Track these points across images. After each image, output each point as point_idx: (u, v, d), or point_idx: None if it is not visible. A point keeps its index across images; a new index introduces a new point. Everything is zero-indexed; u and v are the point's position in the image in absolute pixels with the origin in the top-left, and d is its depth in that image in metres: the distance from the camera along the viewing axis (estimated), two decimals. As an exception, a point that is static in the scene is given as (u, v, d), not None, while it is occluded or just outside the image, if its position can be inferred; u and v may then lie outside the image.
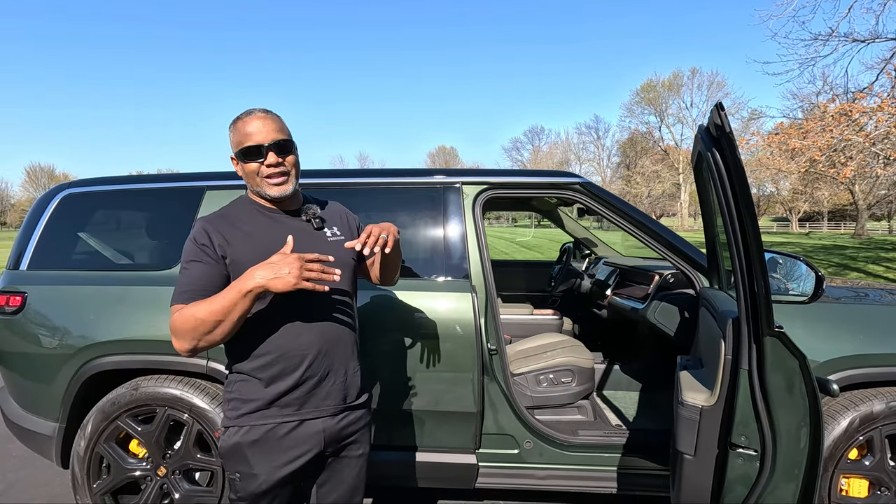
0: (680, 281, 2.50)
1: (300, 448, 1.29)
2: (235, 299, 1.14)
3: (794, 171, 16.24)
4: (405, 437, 2.18)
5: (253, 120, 1.28)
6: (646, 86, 55.44)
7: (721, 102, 1.35)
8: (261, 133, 1.27)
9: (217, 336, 1.17)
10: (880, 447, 1.91)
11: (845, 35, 10.22)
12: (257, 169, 1.28)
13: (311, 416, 1.31)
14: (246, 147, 1.27)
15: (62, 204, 2.39)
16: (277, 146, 1.28)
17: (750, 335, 1.38)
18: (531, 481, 2.19)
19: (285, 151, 1.30)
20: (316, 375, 1.30)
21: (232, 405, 1.31)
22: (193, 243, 1.27)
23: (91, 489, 2.15)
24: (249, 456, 1.27)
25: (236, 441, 1.28)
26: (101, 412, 2.13)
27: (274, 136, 1.28)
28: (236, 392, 1.31)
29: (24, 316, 2.22)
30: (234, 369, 1.33)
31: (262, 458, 1.27)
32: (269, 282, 1.13)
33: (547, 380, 2.62)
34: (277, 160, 1.28)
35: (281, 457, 1.28)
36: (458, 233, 2.23)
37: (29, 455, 3.03)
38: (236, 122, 1.31)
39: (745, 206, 1.32)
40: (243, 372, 1.30)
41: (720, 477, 1.47)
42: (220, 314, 1.14)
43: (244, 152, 1.27)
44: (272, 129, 1.28)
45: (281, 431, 1.28)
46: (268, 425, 1.28)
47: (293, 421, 1.29)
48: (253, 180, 1.31)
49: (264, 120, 1.29)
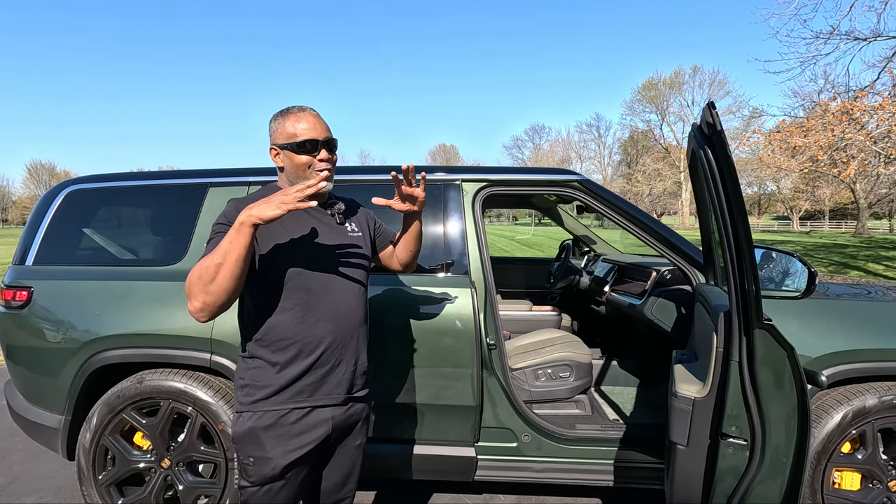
0: (677, 277, 2.53)
1: (311, 434, 1.35)
2: (231, 236, 1.16)
3: (795, 170, 16.24)
4: (406, 431, 2.21)
5: (308, 116, 1.37)
6: (647, 84, 55.38)
7: (713, 101, 1.37)
8: (317, 129, 1.36)
9: (220, 284, 1.16)
10: (873, 441, 1.94)
11: (847, 33, 10.21)
12: (309, 162, 1.35)
13: (321, 404, 1.36)
14: (303, 140, 1.34)
15: (67, 200, 2.43)
16: (330, 143, 1.38)
17: (740, 328, 1.41)
18: (529, 474, 2.22)
19: (334, 150, 1.40)
20: (329, 363, 1.35)
21: (245, 391, 1.34)
22: (224, 219, 1.31)
23: (96, 481, 2.18)
24: (264, 440, 1.31)
25: (251, 426, 1.32)
26: (106, 405, 2.17)
27: (327, 133, 1.38)
28: (249, 378, 1.34)
29: (31, 310, 2.26)
30: (248, 352, 1.36)
31: (275, 443, 1.32)
32: (261, 211, 1.15)
33: (545, 375, 2.65)
34: (328, 156, 1.37)
35: (292, 442, 1.33)
36: (458, 229, 2.26)
37: (33, 448, 3.08)
38: (287, 115, 1.38)
39: (735, 203, 1.35)
40: (258, 356, 1.34)
41: (711, 466, 1.51)
42: (220, 256, 1.16)
43: (300, 145, 1.34)
44: (325, 128, 1.39)
45: (293, 417, 1.33)
46: (281, 411, 1.32)
47: (305, 407, 1.34)
48: (302, 172, 1.36)
49: (318, 118, 1.39)
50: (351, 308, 1.40)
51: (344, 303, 1.39)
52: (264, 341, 1.33)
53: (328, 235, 1.40)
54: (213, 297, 1.17)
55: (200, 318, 1.20)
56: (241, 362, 1.39)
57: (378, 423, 2.19)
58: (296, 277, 1.33)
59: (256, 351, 1.34)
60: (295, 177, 1.38)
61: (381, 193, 2.34)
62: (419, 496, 2.58)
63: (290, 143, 1.35)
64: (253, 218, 1.15)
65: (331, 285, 1.36)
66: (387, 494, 2.60)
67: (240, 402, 1.35)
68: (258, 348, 1.34)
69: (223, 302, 1.19)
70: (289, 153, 1.36)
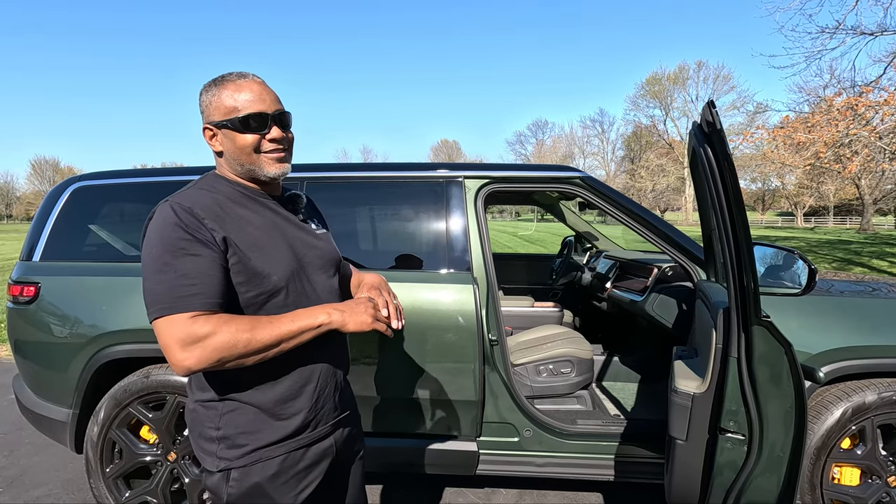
0: (678, 274, 2.54)
1: (319, 467, 1.16)
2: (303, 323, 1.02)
3: (799, 166, 16.16)
4: (408, 425, 2.23)
5: (252, 84, 1.07)
6: (651, 79, 55.12)
7: (713, 100, 1.38)
8: (263, 101, 1.07)
9: (247, 360, 0.99)
10: (872, 437, 1.96)
11: (853, 28, 10.13)
12: (256, 143, 1.07)
13: (323, 435, 1.16)
14: (246, 115, 1.05)
15: (73, 196, 2.45)
16: (282, 118, 1.10)
17: (739, 324, 1.43)
18: (530, 469, 2.25)
19: (287, 125, 1.12)
20: (328, 385, 1.16)
21: (227, 443, 1.07)
22: (181, 230, 1.03)
23: (104, 473, 2.22)
24: (272, 491, 1.08)
25: (253, 483, 1.06)
26: (113, 399, 2.20)
27: (277, 105, 1.09)
28: (228, 426, 1.07)
29: (38, 306, 2.29)
30: (216, 394, 1.08)
31: (285, 490, 1.09)
32: (347, 320, 1.04)
33: (547, 370, 2.67)
34: (282, 134, 1.09)
35: (302, 482, 1.12)
36: (461, 226, 2.27)
37: (41, 442, 3.12)
38: (224, 84, 1.08)
39: (734, 200, 1.36)
40: (234, 398, 1.07)
41: (710, 461, 1.53)
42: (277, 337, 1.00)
43: (243, 122, 1.05)
44: (275, 98, 1.10)
45: (297, 456, 1.11)
46: (281, 456, 1.09)
47: (307, 443, 1.13)
48: (247, 157, 1.08)
49: (263, 86, 1.09)
50: None
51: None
52: (245, 378, 1.05)
53: (294, 234, 1.15)
54: (231, 363, 0.96)
55: (182, 373, 0.95)
56: (204, 408, 1.09)
57: (381, 417, 2.22)
58: (281, 292, 1.08)
59: (230, 390, 1.07)
60: (239, 164, 1.09)
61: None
62: (421, 490, 2.60)
63: (229, 120, 1.06)
64: (337, 323, 1.04)
65: (318, 295, 1.14)
66: (390, 488, 2.63)
67: (219, 459, 1.06)
68: (233, 386, 1.06)
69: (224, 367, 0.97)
70: (229, 132, 1.07)
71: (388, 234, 2.49)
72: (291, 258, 1.11)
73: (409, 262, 2.30)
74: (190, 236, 0.98)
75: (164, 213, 1.00)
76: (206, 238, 0.99)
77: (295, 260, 1.11)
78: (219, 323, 0.95)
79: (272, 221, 1.12)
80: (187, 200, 1.02)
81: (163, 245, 0.97)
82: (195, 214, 1.00)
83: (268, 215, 1.12)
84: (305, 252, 1.15)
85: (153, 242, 0.99)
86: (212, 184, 1.11)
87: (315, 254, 1.17)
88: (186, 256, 0.97)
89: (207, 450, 1.08)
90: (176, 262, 0.96)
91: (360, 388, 2.13)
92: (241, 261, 1.03)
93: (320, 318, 1.02)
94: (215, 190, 1.09)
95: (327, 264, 1.21)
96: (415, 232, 2.35)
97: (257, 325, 0.97)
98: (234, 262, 1.02)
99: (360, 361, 2.14)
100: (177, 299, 0.95)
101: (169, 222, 0.98)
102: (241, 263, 1.03)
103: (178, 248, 0.97)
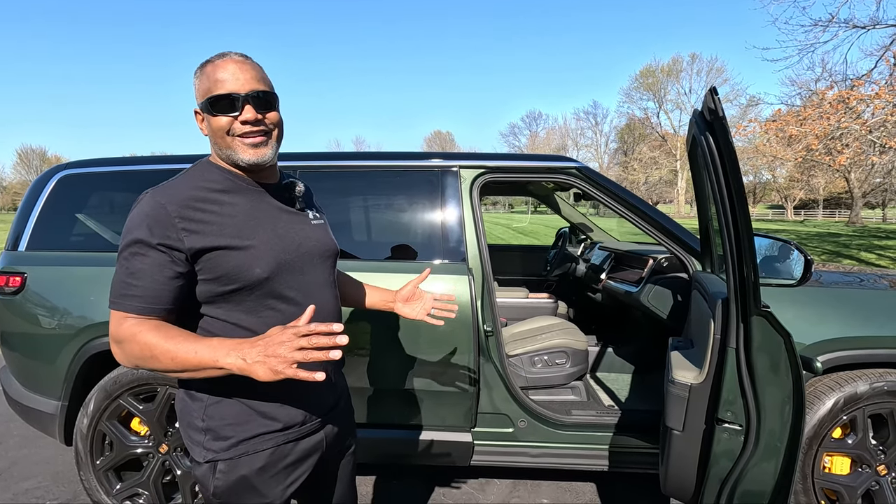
0: (673, 265, 2.54)
1: (308, 462, 1.14)
2: (204, 358, 0.92)
3: (790, 159, 16.27)
4: (403, 416, 2.23)
5: (228, 63, 1.02)
6: (645, 71, 55.12)
7: (715, 87, 1.36)
8: (237, 80, 1.01)
9: (153, 368, 0.97)
10: (863, 426, 1.97)
11: (845, 21, 10.18)
12: (228, 125, 1.02)
13: (313, 430, 1.14)
14: (216, 96, 1.00)
15: (59, 185, 2.40)
16: (257, 99, 1.02)
17: (738, 315, 1.42)
18: (525, 459, 2.25)
19: (267, 106, 1.04)
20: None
21: (213, 434, 1.05)
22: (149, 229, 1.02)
23: (94, 466, 2.19)
24: (259, 484, 1.06)
25: (240, 475, 1.05)
26: (103, 391, 2.17)
27: (253, 85, 1.02)
28: (213, 418, 1.05)
29: (24, 296, 2.24)
30: (198, 385, 1.06)
31: (273, 483, 1.08)
32: (249, 367, 0.88)
33: (541, 361, 2.67)
34: (256, 116, 1.02)
35: (290, 476, 1.11)
36: (456, 216, 2.25)
37: (30, 434, 3.08)
38: (205, 65, 1.04)
39: (736, 190, 1.35)
40: (220, 393, 1.05)
41: (706, 451, 1.53)
42: (170, 360, 0.94)
43: (212, 102, 1.00)
44: (251, 77, 1.02)
45: (286, 450, 1.09)
46: (269, 449, 1.07)
47: (295, 437, 1.11)
48: (222, 140, 1.04)
49: (241, 65, 1.03)
50: (330, 311, 1.16)
51: (325, 306, 1.13)
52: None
53: (289, 225, 1.11)
54: (144, 367, 0.96)
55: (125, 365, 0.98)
56: (191, 399, 1.07)
57: (376, 409, 2.20)
58: (267, 283, 1.03)
59: (216, 382, 1.01)
60: (219, 148, 1.05)
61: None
62: (416, 481, 2.60)
63: (203, 102, 1.02)
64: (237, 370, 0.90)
65: (309, 287, 1.10)
66: (384, 479, 2.63)
67: (206, 450, 1.05)
68: (219, 378, 0.96)
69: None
70: (207, 116, 1.04)
71: (382, 225, 2.46)
72: (281, 249, 1.07)
73: (404, 252, 2.28)
74: (149, 234, 0.96)
75: (139, 205, 1.00)
76: (167, 241, 0.96)
77: (285, 251, 1.07)
78: (141, 331, 0.95)
79: (260, 210, 1.08)
80: (164, 195, 1.00)
81: (126, 238, 0.98)
82: (168, 211, 0.97)
83: (256, 204, 1.08)
84: (300, 242, 1.11)
85: (124, 232, 1.00)
86: (201, 172, 1.07)
87: (310, 244, 1.14)
88: (138, 256, 0.96)
89: (195, 440, 1.07)
90: (130, 259, 0.97)
91: (354, 379, 2.11)
92: (217, 256, 1.00)
93: (226, 360, 0.90)
94: (203, 178, 1.06)
95: (324, 255, 1.17)
96: (409, 222, 2.32)
97: (161, 350, 0.93)
98: (205, 259, 0.99)
99: (355, 353, 2.12)
100: (119, 296, 0.97)
101: (139, 215, 0.98)
102: (215, 259, 1.00)
103: (135, 244, 0.97)
